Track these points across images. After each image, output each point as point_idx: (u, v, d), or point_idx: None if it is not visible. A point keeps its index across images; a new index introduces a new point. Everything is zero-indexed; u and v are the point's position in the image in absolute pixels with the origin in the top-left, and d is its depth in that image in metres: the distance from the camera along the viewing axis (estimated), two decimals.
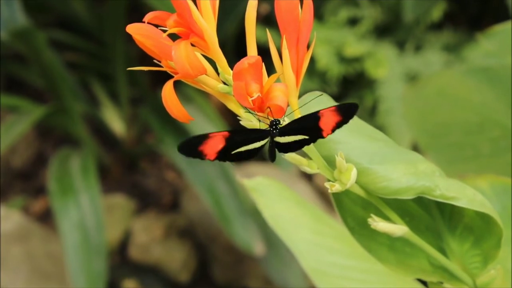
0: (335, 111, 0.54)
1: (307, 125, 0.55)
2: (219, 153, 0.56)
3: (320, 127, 0.55)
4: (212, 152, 0.56)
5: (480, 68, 1.24)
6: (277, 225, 0.89)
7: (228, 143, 0.56)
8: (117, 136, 2.30)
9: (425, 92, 1.28)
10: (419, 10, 2.19)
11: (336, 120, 0.54)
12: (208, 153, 0.56)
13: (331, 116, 0.54)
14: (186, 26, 0.53)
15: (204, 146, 0.55)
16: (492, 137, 1.19)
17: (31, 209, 2.25)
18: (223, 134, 0.56)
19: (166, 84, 0.53)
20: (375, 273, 0.86)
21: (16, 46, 2.03)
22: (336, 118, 0.54)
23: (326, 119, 0.54)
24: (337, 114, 0.54)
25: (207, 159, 0.56)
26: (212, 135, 0.55)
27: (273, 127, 0.55)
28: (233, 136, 0.56)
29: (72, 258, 1.76)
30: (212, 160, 0.56)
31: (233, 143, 0.56)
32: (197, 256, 2.13)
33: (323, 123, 0.55)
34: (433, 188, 0.59)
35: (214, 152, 0.56)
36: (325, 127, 0.55)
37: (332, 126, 0.55)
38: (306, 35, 0.56)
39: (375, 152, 0.60)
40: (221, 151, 0.56)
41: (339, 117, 0.54)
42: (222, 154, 0.56)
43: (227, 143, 0.56)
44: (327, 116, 0.54)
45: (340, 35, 2.22)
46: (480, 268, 0.66)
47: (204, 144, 0.55)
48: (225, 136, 0.56)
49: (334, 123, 0.54)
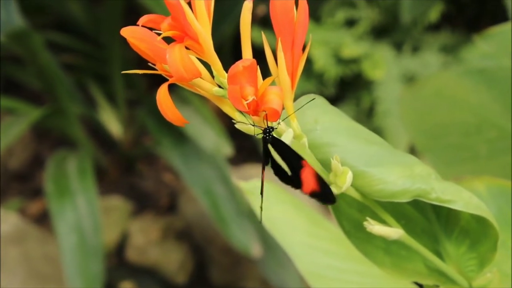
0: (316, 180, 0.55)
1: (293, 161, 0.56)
2: None
3: (301, 177, 0.55)
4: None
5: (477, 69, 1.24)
6: (274, 227, 0.89)
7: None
8: (114, 138, 2.30)
9: (422, 94, 1.28)
10: (417, 11, 2.19)
11: (313, 188, 0.55)
12: None
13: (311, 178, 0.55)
14: (181, 29, 0.53)
15: None
16: (489, 139, 1.19)
17: (28, 211, 2.24)
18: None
19: (160, 87, 0.53)
20: (371, 276, 0.86)
21: (13, 47, 2.02)
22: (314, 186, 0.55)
23: (307, 175, 0.55)
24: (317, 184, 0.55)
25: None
26: None
27: (266, 134, 0.55)
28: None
29: (69, 260, 1.75)
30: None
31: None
32: (194, 258, 2.13)
33: (304, 176, 0.55)
34: (429, 191, 0.59)
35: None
36: (305, 183, 0.56)
37: (310, 190, 0.56)
38: (302, 38, 0.56)
39: (370, 155, 0.60)
40: None
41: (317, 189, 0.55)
42: None
43: None
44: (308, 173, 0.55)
45: (337, 36, 2.22)
46: (476, 271, 0.66)
47: None
48: None
49: (311, 188, 0.56)
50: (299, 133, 0.57)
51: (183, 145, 1.93)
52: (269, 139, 0.56)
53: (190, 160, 1.90)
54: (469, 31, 2.28)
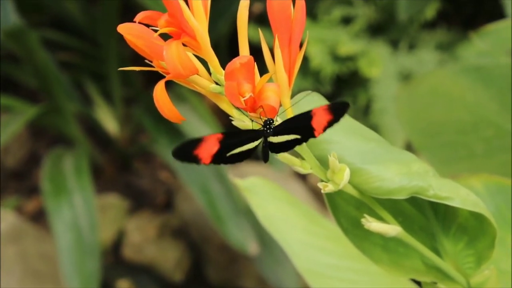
0: (327, 110, 0.54)
1: (300, 124, 0.55)
2: (214, 156, 0.55)
3: (312, 126, 0.54)
4: (207, 155, 0.55)
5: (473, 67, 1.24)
6: (271, 225, 0.89)
7: (223, 145, 0.55)
8: (110, 136, 2.30)
9: (419, 91, 1.28)
10: (413, 9, 2.19)
11: (327, 119, 0.54)
12: (203, 157, 0.55)
13: (323, 115, 0.54)
14: (178, 26, 0.53)
15: (198, 150, 0.55)
16: (485, 137, 1.19)
17: (25, 209, 2.24)
18: (217, 137, 0.55)
19: (157, 84, 0.53)
20: (369, 273, 0.86)
21: (9, 46, 2.02)
22: (328, 117, 0.54)
23: (318, 118, 0.54)
24: (329, 113, 0.54)
25: (203, 163, 0.55)
26: (206, 138, 0.55)
27: (267, 127, 0.55)
28: (227, 138, 0.55)
29: (66, 258, 1.75)
30: (207, 164, 0.55)
31: (227, 145, 0.55)
32: (191, 256, 2.13)
33: (315, 122, 0.54)
34: (427, 188, 0.59)
35: (209, 156, 0.55)
36: (317, 126, 0.54)
37: (324, 125, 0.54)
38: (299, 35, 0.56)
39: (368, 152, 0.60)
40: (216, 154, 0.55)
41: (331, 116, 0.54)
42: (217, 157, 0.55)
43: (221, 145, 0.55)
44: (319, 115, 0.54)
45: (334, 34, 2.22)
46: (474, 268, 0.66)
47: (199, 148, 0.55)
48: (219, 139, 0.55)
49: (326, 122, 0.54)
50: None
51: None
52: (270, 133, 0.55)
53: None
54: (465, 29, 2.28)
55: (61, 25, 2.39)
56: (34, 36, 1.91)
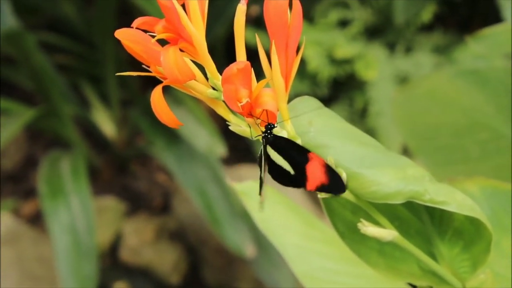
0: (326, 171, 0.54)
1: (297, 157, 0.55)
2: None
3: (307, 173, 0.55)
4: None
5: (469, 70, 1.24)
6: (267, 228, 0.89)
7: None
8: (107, 138, 2.30)
9: (415, 94, 1.28)
10: (409, 12, 2.20)
11: (322, 181, 0.55)
12: None
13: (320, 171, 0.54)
14: (175, 32, 0.53)
15: None
16: (481, 140, 1.19)
17: (21, 212, 2.24)
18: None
19: (155, 89, 0.53)
20: (365, 277, 0.86)
21: (6, 48, 2.02)
22: (323, 179, 0.55)
23: (314, 168, 0.54)
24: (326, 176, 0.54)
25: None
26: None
27: (267, 132, 0.55)
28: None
29: (63, 261, 1.75)
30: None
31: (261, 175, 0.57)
32: (188, 258, 2.13)
33: (310, 171, 0.55)
34: (422, 193, 0.59)
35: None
36: (311, 178, 0.55)
37: (317, 185, 0.55)
38: (295, 40, 0.56)
39: (364, 156, 0.60)
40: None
41: (326, 181, 0.55)
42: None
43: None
44: (316, 165, 0.55)
45: (331, 37, 2.22)
46: (469, 272, 0.66)
47: None
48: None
49: (320, 182, 0.55)
50: (293, 135, 0.57)
51: (177, 145, 1.93)
52: (270, 137, 0.55)
53: (184, 160, 1.90)
54: (462, 32, 2.28)
55: (58, 28, 2.39)
56: (31, 38, 1.91)
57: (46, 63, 2.02)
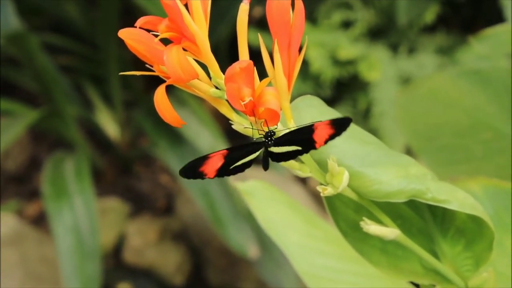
0: (329, 125, 0.55)
1: (301, 137, 0.56)
2: (218, 170, 0.57)
3: (314, 139, 0.55)
4: (212, 170, 0.57)
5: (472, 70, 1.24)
6: (270, 228, 0.89)
7: (227, 160, 0.57)
8: (111, 140, 2.30)
9: (418, 95, 1.28)
10: (412, 13, 2.20)
11: (329, 133, 0.55)
12: (208, 172, 0.57)
13: (325, 129, 0.55)
14: (178, 31, 0.53)
15: (204, 166, 0.57)
16: (484, 140, 1.19)
17: (25, 213, 2.24)
18: (222, 153, 0.57)
19: (158, 88, 0.54)
20: (367, 276, 0.86)
21: (10, 49, 2.02)
22: (330, 131, 0.55)
23: (320, 132, 0.55)
24: (331, 127, 0.55)
25: (208, 177, 0.57)
26: (211, 156, 0.57)
27: (268, 139, 0.56)
28: (231, 153, 0.57)
29: (66, 262, 1.75)
30: (212, 178, 0.57)
31: (231, 159, 0.57)
32: (191, 259, 2.13)
33: (317, 136, 0.55)
34: (425, 191, 0.59)
35: (213, 171, 0.57)
36: (319, 139, 0.55)
37: (325, 138, 0.55)
38: (298, 39, 0.56)
39: (366, 155, 0.60)
40: (220, 168, 0.57)
41: (333, 130, 0.55)
42: (221, 171, 0.57)
43: (225, 160, 0.57)
44: (321, 129, 0.55)
45: (334, 38, 2.22)
46: (472, 270, 0.66)
47: (204, 165, 0.57)
48: (224, 155, 0.57)
49: (327, 135, 0.55)
50: None
51: (180, 146, 1.94)
52: (271, 144, 0.56)
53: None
54: (465, 32, 2.28)
55: (61, 29, 2.39)
56: (34, 39, 1.92)
57: (49, 64, 2.03)
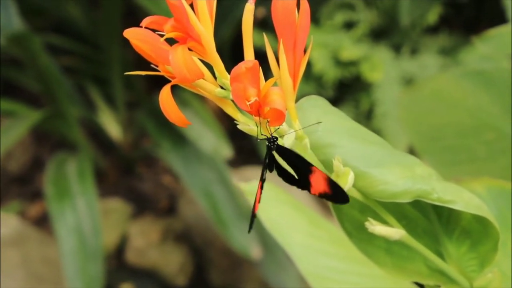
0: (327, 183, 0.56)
1: (301, 167, 0.57)
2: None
3: (310, 181, 0.56)
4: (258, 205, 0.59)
5: (475, 71, 1.24)
6: (274, 228, 0.89)
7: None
8: (113, 140, 2.30)
9: (421, 96, 1.28)
10: (415, 14, 2.20)
11: (324, 189, 0.56)
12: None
13: (322, 182, 0.56)
14: (183, 31, 0.53)
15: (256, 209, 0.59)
16: (487, 140, 1.19)
17: (28, 214, 2.24)
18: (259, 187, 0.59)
19: (163, 88, 0.53)
20: (372, 277, 0.86)
21: (12, 50, 2.02)
22: (325, 188, 0.56)
23: (317, 180, 0.56)
24: (328, 187, 0.56)
25: None
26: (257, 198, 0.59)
27: (271, 143, 0.56)
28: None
29: (69, 262, 1.75)
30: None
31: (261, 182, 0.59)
32: (193, 260, 2.13)
33: (313, 180, 0.56)
34: (430, 192, 0.59)
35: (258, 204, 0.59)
36: (315, 186, 0.56)
37: (319, 192, 0.56)
38: (303, 39, 0.56)
39: (371, 155, 0.60)
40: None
41: (328, 191, 0.56)
42: None
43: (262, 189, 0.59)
44: (318, 178, 0.56)
45: (336, 39, 2.22)
46: (477, 271, 0.66)
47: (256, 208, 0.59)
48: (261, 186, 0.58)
49: (322, 191, 0.56)
50: (301, 134, 0.57)
51: (183, 147, 1.94)
52: (273, 148, 0.56)
53: (190, 162, 1.90)
54: (467, 33, 2.28)
55: (63, 30, 2.39)
56: (37, 40, 1.92)
57: (52, 65, 2.03)
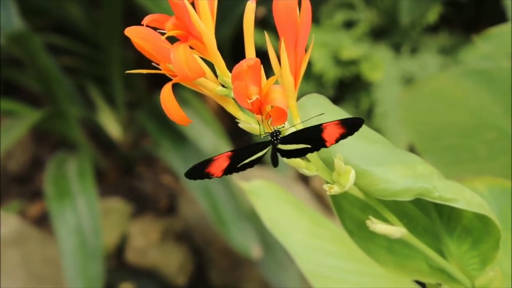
0: (340, 124, 0.55)
1: (310, 136, 0.56)
2: (225, 170, 0.57)
3: (324, 138, 0.55)
4: (218, 171, 0.57)
5: (476, 70, 1.24)
6: (275, 227, 0.89)
7: (232, 160, 0.57)
8: (113, 140, 2.30)
9: (421, 95, 1.28)
10: (415, 13, 2.20)
11: (340, 132, 0.55)
12: (214, 173, 0.57)
13: (336, 129, 0.55)
14: (185, 29, 0.53)
15: (210, 168, 0.57)
16: (488, 140, 1.19)
17: (28, 213, 2.24)
18: (227, 155, 0.57)
19: (164, 86, 0.53)
20: (372, 276, 0.86)
21: (13, 50, 2.02)
22: (341, 130, 0.55)
23: (330, 131, 0.55)
24: (342, 126, 0.55)
25: (215, 177, 0.57)
26: (216, 158, 0.57)
27: (274, 138, 0.56)
28: (236, 154, 0.57)
29: (69, 262, 1.75)
30: (219, 176, 0.57)
31: (237, 158, 0.57)
32: (194, 259, 2.13)
33: (326, 135, 0.55)
34: (431, 190, 0.59)
35: (220, 171, 0.57)
36: (329, 138, 0.55)
37: (336, 137, 0.55)
38: (304, 38, 0.56)
39: (373, 154, 0.60)
40: (227, 168, 0.57)
41: (344, 130, 0.55)
42: (228, 170, 0.57)
43: (231, 160, 0.57)
44: (332, 128, 0.55)
45: (336, 38, 2.22)
46: (478, 269, 0.66)
47: (210, 166, 0.57)
48: (229, 156, 0.57)
49: (338, 134, 0.55)
50: None
51: (183, 146, 1.93)
52: (277, 143, 0.56)
53: (190, 161, 1.90)
54: (467, 32, 2.28)
55: (64, 30, 2.39)
56: (37, 40, 1.92)
57: (53, 65, 2.03)
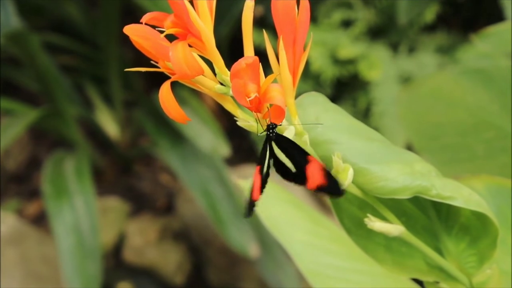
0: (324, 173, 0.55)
1: (297, 157, 0.56)
2: (261, 188, 0.56)
3: (307, 173, 0.55)
4: (258, 193, 0.56)
5: (474, 69, 1.24)
6: (274, 226, 0.89)
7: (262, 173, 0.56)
8: (111, 139, 2.30)
9: (419, 94, 1.28)
10: (413, 12, 2.20)
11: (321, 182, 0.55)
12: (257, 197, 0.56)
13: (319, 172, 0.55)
14: (184, 27, 0.53)
15: (254, 195, 0.56)
16: (486, 139, 1.19)
17: (26, 212, 2.24)
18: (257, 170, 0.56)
19: (163, 84, 0.54)
20: (371, 274, 0.86)
21: (10, 49, 2.02)
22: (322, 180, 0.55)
23: (313, 170, 0.55)
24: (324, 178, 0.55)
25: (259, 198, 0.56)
26: (255, 181, 0.56)
27: (270, 131, 0.56)
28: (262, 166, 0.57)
29: (67, 261, 1.75)
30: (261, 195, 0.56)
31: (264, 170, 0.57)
32: (191, 258, 2.13)
33: (310, 171, 0.55)
34: (430, 188, 0.59)
35: (259, 192, 0.56)
36: (311, 178, 0.55)
37: (316, 185, 0.55)
38: (303, 36, 0.56)
39: (371, 152, 0.60)
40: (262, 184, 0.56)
41: (324, 182, 0.55)
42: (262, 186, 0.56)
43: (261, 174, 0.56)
44: (315, 168, 0.55)
45: (334, 37, 2.22)
46: (476, 267, 0.66)
47: (254, 193, 0.56)
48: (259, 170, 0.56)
49: (319, 182, 0.55)
50: (301, 131, 0.57)
51: (181, 145, 1.93)
52: (273, 136, 0.56)
53: (188, 160, 1.90)
54: (465, 31, 2.28)
55: (62, 29, 2.39)
56: (35, 39, 1.92)
57: (50, 63, 2.03)
